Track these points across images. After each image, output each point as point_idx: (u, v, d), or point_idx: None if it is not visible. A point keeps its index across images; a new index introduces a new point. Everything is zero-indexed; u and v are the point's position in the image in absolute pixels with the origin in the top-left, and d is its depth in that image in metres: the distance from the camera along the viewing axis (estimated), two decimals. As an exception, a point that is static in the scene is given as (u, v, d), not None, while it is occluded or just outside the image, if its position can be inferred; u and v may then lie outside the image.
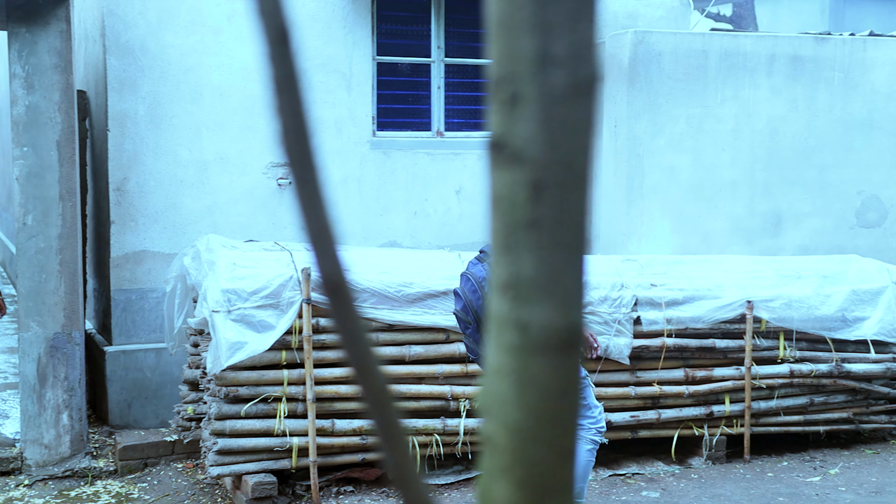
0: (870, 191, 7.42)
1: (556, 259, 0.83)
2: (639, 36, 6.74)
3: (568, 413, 0.85)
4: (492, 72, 0.85)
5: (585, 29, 0.81)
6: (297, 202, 0.79)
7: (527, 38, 0.81)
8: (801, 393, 6.51)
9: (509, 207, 0.84)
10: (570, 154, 0.83)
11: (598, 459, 6.23)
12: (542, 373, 0.84)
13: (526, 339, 0.83)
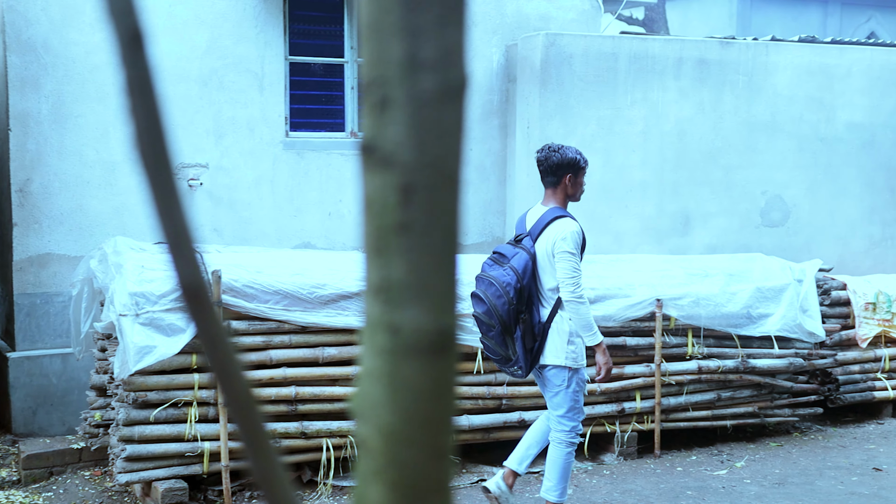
0: (773, 191, 7.64)
1: (427, 262, 0.84)
2: (550, 38, 6.82)
3: (441, 415, 0.86)
4: (363, 75, 0.85)
5: (454, 34, 0.82)
6: (153, 206, 0.77)
7: (395, 43, 0.82)
8: (709, 388, 6.67)
9: (380, 211, 0.84)
10: (440, 157, 0.84)
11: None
12: (414, 376, 0.84)
13: (398, 342, 0.84)
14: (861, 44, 8.41)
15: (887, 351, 7.46)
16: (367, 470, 0.84)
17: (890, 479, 6.02)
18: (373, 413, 0.84)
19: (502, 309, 4.67)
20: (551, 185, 4.87)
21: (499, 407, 6.12)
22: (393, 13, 0.81)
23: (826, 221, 7.91)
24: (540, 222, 4.79)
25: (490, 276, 4.74)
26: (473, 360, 5.99)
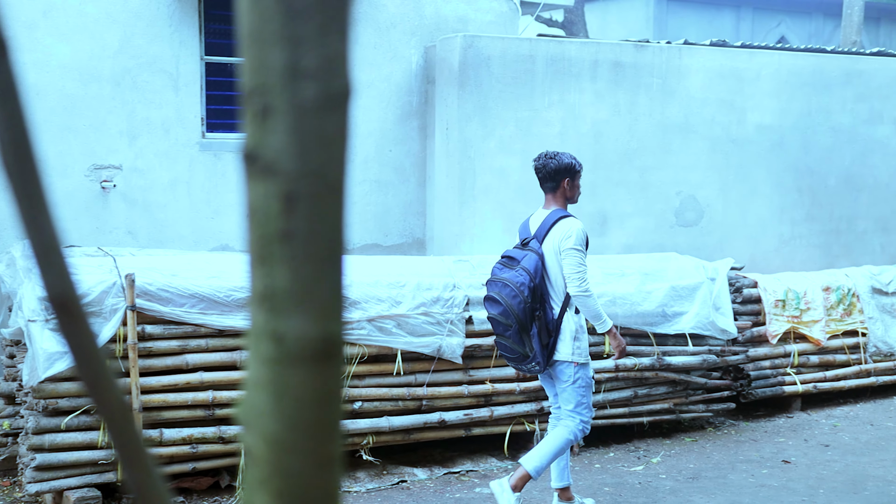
0: (687, 191, 7.80)
1: (311, 270, 0.84)
2: (468, 40, 6.85)
3: (327, 423, 0.86)
4: (244, 83, 0.85)
5: (336, 42, 0.82)
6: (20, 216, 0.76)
7: (276, 51, 0.82)
8: (626, 386, 6.78)
9: (263, 219, 0.84)
10: (324, 166, 0.84)
11: (434, 459, 6.33)
12: (298, 384, 0.84)
13: (282, 350, 0.84)
14: (769, 48, 8.63)
15: (796, 346, 7.69)
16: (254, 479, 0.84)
17: (798, 470, 6.20)
18: (258, 422, 0.83)
19: (518, 308, 4.92)
20: (550, 189, 5.14)
21: (419, 408, 6.13)
22: (273, 21, 0.80)
23: (738, 221, 8.11)
24: (545, 224, 5.05)
25: (503, 279, 5.00)
26: (393, 361, 5.99)
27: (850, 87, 8.55)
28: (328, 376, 0.85)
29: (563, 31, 16.18)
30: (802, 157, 8.38)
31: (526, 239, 5.11)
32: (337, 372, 0.86)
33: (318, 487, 0.84)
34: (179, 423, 5.48)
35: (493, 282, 5.09)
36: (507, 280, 4.98)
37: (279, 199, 0.82)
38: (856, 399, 8.07)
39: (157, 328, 5.44)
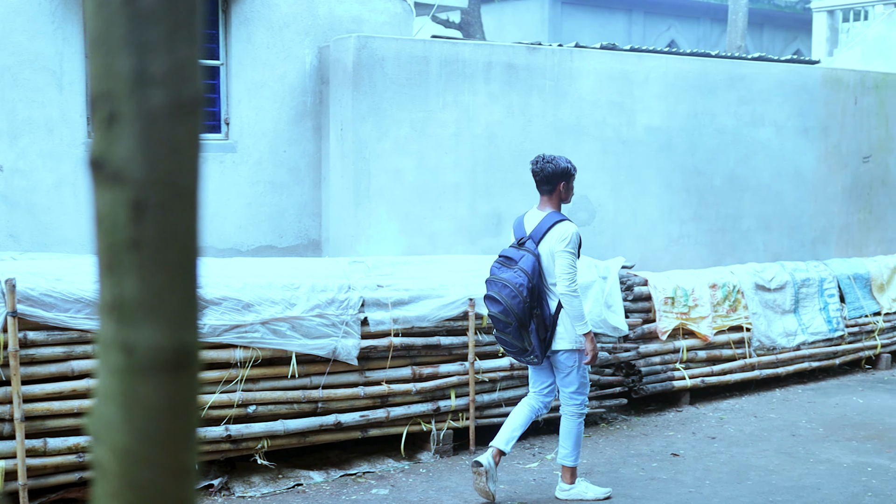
0: (580, 191, 7.93)
1: (161, 279, 0.83)
2: (362, 41, 6.83)
3: (181, 433, 0.85)
4: (91, 89, 0.83)
5: (185, 49, 0.81)
6: None
7: (123, 57, 0.80)
8: (521, 384, 6.86)
9: (111, 227, 0.82)
10: (173, 173, 0.83)
11: (330, 461, 6.29)
12: (149, 394, 0.83)
13: (132, 361, 0.82)
14: (657, 52, 8.87)
15: (685, 342, 7.91)
16: (103, 492, 0.82)
17: (686, 463, 6.39)
18: (108, 434, 0.82)
19: (518, 308, 5.29)
20: (547, 192, 5.51)
21: (315, 410, 6.09)
22: (120, 27, 0.79)
23: (629, 220, 8.29)
24: (542, 226, 5.41)
25: (502, 279, 5.36)
26: (288, 364, 5.94)
27: (734, 91, 8.84)
28: (181, 386, 0.84)
29: (460, 32, 16.28)
30: (690, 158, 8.63)
31: (522, 238, 5.44)
32: (191, 381, 0.85)
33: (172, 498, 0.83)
34: (65, 432, 5.32)
35: (493, 281, 5.41)
36: (506, 280, 5.33)
37: (127, 207, 0.80)
38: (741, 392, 8.35)
39: (41, 334, 5.27)
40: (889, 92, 10.29)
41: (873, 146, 10.22)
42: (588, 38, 16.89)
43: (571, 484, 5.62)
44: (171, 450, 0.84)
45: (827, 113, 9.67)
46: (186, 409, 0.85)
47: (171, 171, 0.82)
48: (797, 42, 20.69)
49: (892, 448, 6.78)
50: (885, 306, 9.49)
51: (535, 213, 5.52)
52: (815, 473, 6.18)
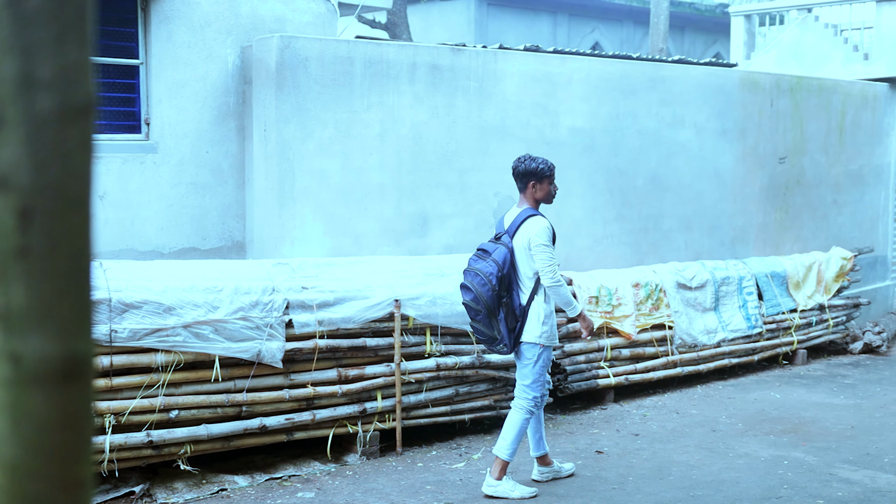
0: (505, 192, 7.99)
1: (51, 287, 0.81)
2: (285, 41, 6.78)
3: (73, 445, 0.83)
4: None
5: (75, 51, 0.79)
6: None
7: (8, 61, 0.78)
8: (448, 385, 6.89)
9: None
10: (63, 179, 0.81)
11: (255, 465, 6.23)
12: (39, 406, 0.81)
13: (20, 371, 0.80)
14: (580, 54, 8.97)
15: (609, 341, 8.02)
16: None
17: (610, 460, 6.47)
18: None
19: (486, 295, 5.58)
20: (520, 189, 5.81)
21: (239, 414, 6.02)
22: (3, 29, 0.77)
23: (554, 220, 8.31)
24: (515, 221, 5.70)
25: (475, 269, 5.67)
26: (211, 367, 5.86)
27: (655, 93, 8.99)
28: (73, 396, 0.82)
29: (387, 32, 16.25)
30: (612, 158, 8.74)
31: (499, 234, 5.78)
32: (83, 391, 0.84)
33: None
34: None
35: (467, 271, 5.73)
36: (478, 270, 5.64)
37: (14, 214, 0.78)
38: (664, 389, 8.50)
39: None
40: (803, 95, 10.58)
41: (789, 147, 10.49)
42: (514, 40, 17.00)
43: (499, 480, 5.70)
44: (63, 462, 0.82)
45: (745, 115, 9.90)
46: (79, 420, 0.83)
47: (61, 177, 0.80)
48: (717, 45, 21.13)
49: (807, 441, 6.97)
50: (801, 303, 9.75)
51: (514, 210, 5.84)
52: (734, 467, 6.32)
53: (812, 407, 8.00)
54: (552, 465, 6.02)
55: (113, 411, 5.52)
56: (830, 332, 10.18)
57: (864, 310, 11.04)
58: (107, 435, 5.48)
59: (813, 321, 9.90)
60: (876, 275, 11.87)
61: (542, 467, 6.00)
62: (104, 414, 5.49)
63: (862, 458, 6.53)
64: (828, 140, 10.98)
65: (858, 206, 11.58)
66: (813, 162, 10.83)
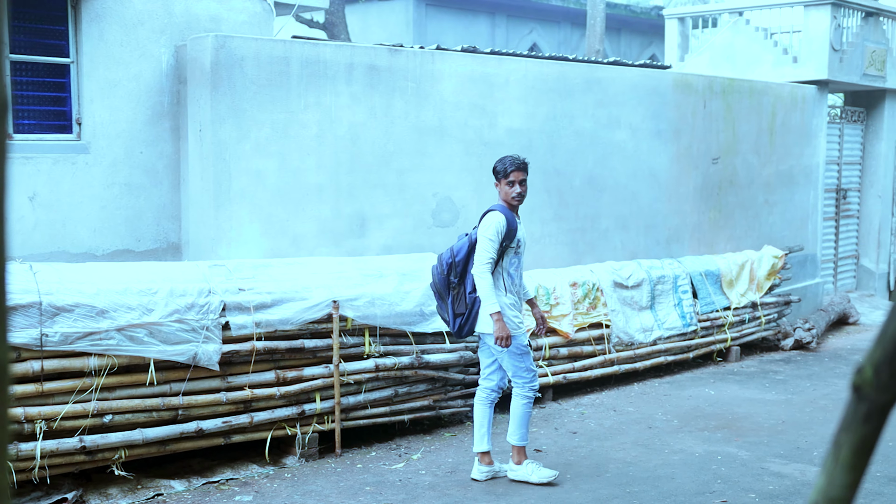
0: (443, 193, 8.01)
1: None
2: (220, 40, 6.70)
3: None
4: None
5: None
6: None
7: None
8: (387, 385, 6.88)
9: None
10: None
11: (192, 469, 6.15)
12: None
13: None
14: (517, 55, 9.02)
15: (547, 340, 8.09)
16: None
17: (548, 458, 6.53)
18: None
19: (438, 279, 5.97)
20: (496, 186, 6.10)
21: (175, 418, 5.94)
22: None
23: (491, 221, 8.40)
24: (481, 216, 5.98)
25: (440, 256, 6.06)
26: (146, 371, 5.77)
27: (591, 94, 9.09)
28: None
29: (325, 32, 16.17)
30: (550, 159, 8.82)
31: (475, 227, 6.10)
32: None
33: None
34: None
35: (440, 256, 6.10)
36: (439, 257, 6.05)
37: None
38: (601, 387, 8.60)
39: None
40: (735, 96, 10.79)
41: (722, 148, 10.69)
42: (452, 40, 17.04)
43: (519, 464, 5.97)
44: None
45: (679, 116, 10.06)
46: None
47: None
48: (653, 47, 21.43)
49: (740, 437, 7.11)
50: (734, 301, 9.94)
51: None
52: (669, 463, 6.42)
53: (745, 403, 8.17)
54: (493, 465, 6.08)
55: (44, 417, 5.41)
56: (763, 330, 10.39)
57: (795, 307, 11.30)
58: (38, 441, 5.37)
59: (746, 319, 10.10)
60: (806, 272, 12.15)
61: (483, 466, 6.03)
62: (35, 420, 5.38)
63: (792, 452, 6.69)
64: (759, 141, 11.21)
65: (789, 206, 11.84)
66: (745, 162, 11.05)
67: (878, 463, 6.38)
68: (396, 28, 17.29)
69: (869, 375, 0.97)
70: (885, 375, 0.96)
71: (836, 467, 0.99)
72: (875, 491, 5.84)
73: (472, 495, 5.78)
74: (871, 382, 0.97)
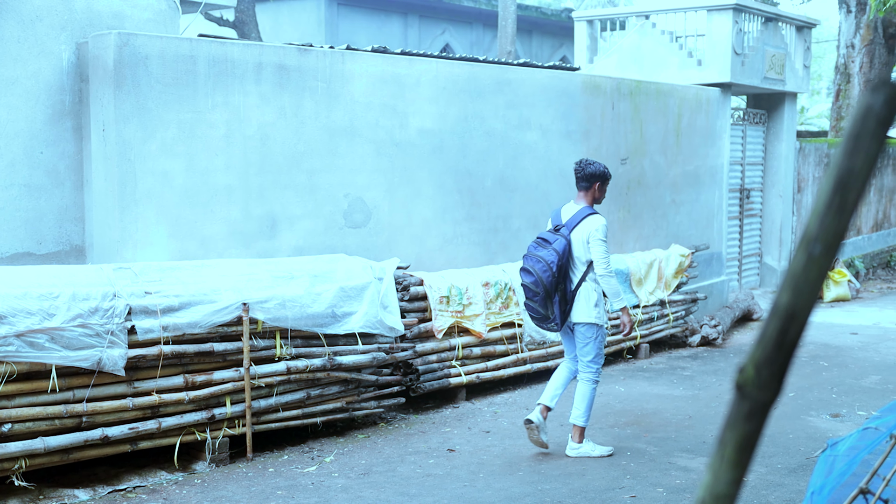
0: (355, 193, 7.98)
1: None
2: (123, 38, 6.55)
3: None
4: None
5: None
6: None
7: None
8: (299, 388, 6.82)
9: None
10: None
11: (98, 477, 6.00)
12: None
13: None
14: (428, 56, 9.04)
15: (460, 340, 8.13)
16: None
17: (462, 458, 6.56)
18: None
19: (547, 280, 6.34)
20: (584, 189, 6.61)
21: (79, 425, 5.79)
22: None
23: (404, 221, 8.41)
24: (576, 217, 6.51)
25: (537, 255, 6.44)
26: (48, 377, 5.60)
27: (502, 95, 9.16)
28: None
29: (235, 30, 15.95)
30: (461, 160, 8.86)
31: (558, 225, 6.56)
32: None
33: None
34: None
35: (529, 257, 6.49)
36: (540, 257, 6.40)
37: None
38: (514, 386, 8.68)
39: None
40: (642, 98, 11.01)
41: (630, 149, 10.89)
42: (365, 40, 16.99)
43: (580, 443, 6.59)
44: None
45: (588, 117, 10.22)
46: None
47: None
48: (564, 48, 21.71)
49: (648, 432, 7.26)
50: (643, 299, 10.14)
51: (572, 205, 6.64)
52: (580, 460, 6.51)
53: (653, 399, 8.33)
54: (545, 421, 6.63)
55: (-61, 427, 5.21)
56: (671, 327, 10.62)
57: (702, 304, 11.58)
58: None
59: (654, 316, 10.31)
60: (712, 270, 12.47)
61: (540, 416, 6.55)
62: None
63: (699, 447, 6.85)
64: (666, 142, 11.46)
65: (695, 206, 12.13)
66: (652, 163, 11.28)
67: (779, 455, 6.59)
68: (308, 27, 17.16)
69: (751, 374, 0.99)
70: (765, 374, 0.98)
71: (722, 464, 1.02)
72: (776, 482, 6.02)
73: (385, 496, 5.77)
74: (753, 381, 0.99)
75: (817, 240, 0.94)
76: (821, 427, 7.39)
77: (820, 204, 0.93)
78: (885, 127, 0.89)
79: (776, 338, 0.98)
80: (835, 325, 12.14)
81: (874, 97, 0.88)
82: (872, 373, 9.42)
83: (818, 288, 0.96)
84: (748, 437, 1.00)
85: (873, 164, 0.89)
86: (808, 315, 0.97)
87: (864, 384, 8.92)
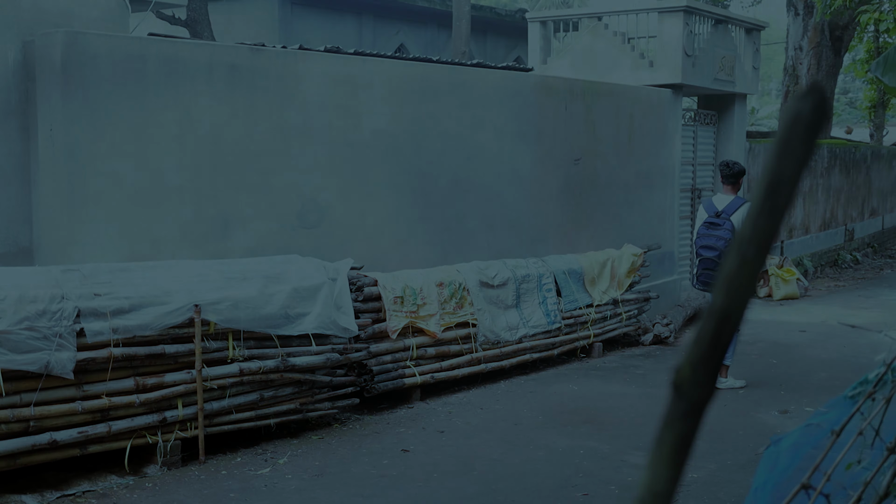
0: (309, 194, 7.95)
1: None
2: (71, 36, 6.46)
3: None
4: None
5: None
6: None
7: None
8: (252, 389, 6.78)
9: None
10: None
11: (46, 482, 5.92)
12: None
13: None
14: (381, 56, 9.02)
15: (415, 340, 8.13)
16: None
17: (416, 458, 6.56)
18: None
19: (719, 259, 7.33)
20: (732, 183, 8.58)
21: (27, 430, 5.69)
22: None
23: (357, 222, 8.40)
24: (733, 204, 8.43)
25: (716, 235, 8.36)
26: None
27: (456, 96, 9.18)
28: None
29: (188, 30, 15.78)
30: (415, 160, 8.86)
31: (718, 212, 8.39)
32: None
33: None
34: None
35: (707, 237, 8.41)
36: (720, 235, 8.30)
37: None
38: (469, 386, 8.70)
39: None
40: (595, 99, 11.10)
41: (583, 149, 10.97)
42: (319, 40, 16.90)
43: (725, 378, 8.46)
44: None
45: (541, 118, 10.27)
46: None
47: None
48: (518, 49, 21.79)
49: (601, 430, 7.32)
50: (596, 299, 10.22)
51: (723, 197, 8.56)
52: (534, 459, 6.55)
53: (607, 397, 8.41)
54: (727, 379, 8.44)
55: None
56: (624, 326, 10.72)
57: (654, 303, 11.70)
58: None
59: (608, 315, 10.39)
60: (664, 269, 12.60)
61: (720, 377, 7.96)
62: None
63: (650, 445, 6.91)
64: (618, 142, 11.56)
65: (647, 205, 12.26)
66: (605, 163, 11.37)
67: (729, 452, 6.68)
68: (262, 26, 17.04)
69: (687, 374, 1.01)
70: (702, 374, 1.00)
71: (660, 463, 1.03)
72: (726, 478, 6.11)
73: (338, 498, 5.75)
74: (690, 381, 1.01)
75: (750, 242, 0.96)
76: (769, 423, 7.51)
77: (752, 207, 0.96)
78: (813, 132, 0.91)
79: (711, 338, 1.00)
80: (784, 323, 12.34)
81: (803, 103, 0.90)
82: (820, 370, 9.60)
83: (752, 288, 0.98)
84: (685, 436, 1.02)
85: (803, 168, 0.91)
86: (741, 315, 0.99)
87: (812, 381, 9.08)
